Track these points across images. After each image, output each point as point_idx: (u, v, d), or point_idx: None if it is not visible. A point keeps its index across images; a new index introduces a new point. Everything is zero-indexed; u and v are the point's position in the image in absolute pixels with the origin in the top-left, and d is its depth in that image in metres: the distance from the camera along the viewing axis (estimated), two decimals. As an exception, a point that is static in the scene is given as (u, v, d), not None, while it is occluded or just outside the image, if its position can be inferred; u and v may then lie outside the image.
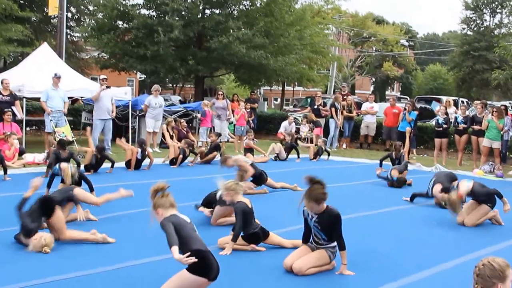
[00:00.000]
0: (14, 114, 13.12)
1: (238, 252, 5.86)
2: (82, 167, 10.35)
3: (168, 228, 4.10)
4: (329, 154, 15.32)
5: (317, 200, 5.10)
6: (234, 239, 5.80)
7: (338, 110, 18.22)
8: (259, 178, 9.56)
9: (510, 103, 28.96)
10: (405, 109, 16.93)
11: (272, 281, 5.06)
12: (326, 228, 5.23)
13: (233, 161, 9.28)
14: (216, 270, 4.17)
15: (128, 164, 11.96)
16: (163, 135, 16.35)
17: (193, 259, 3.95)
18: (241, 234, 5.89)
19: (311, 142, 16.98)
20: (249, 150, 14.61)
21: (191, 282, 4.04)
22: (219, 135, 15.27)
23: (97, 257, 5.52)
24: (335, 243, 5.25)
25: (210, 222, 7.06)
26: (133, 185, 8.70)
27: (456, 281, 5.18)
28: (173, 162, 12.90)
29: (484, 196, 7.63)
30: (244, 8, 24.30)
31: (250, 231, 5.97)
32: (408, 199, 9.24)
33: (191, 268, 4.06)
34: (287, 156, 14.96)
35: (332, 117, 18.03)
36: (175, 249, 3.99)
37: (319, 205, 5.13)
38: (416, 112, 16.63)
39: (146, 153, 12.13)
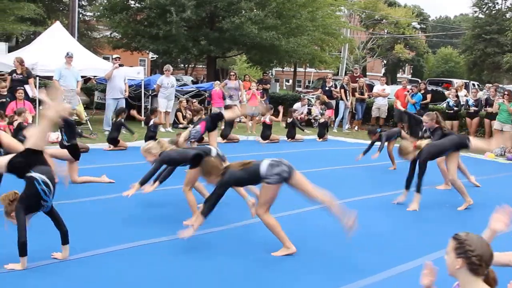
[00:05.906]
0: (26, 93, 13.12)
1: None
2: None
3: None
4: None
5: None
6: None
7: (348, 92, 18.25)
8: None
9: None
10: (407, 91, 17.03)
11: (286, 264, 5.16)
12: None
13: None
14: None
15: None
16: (176, 115, 16.49)
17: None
18: None
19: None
20: (267, 126, 14.41)
21: None
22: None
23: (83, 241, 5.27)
24: None
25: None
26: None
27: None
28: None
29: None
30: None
31: None
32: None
33: None
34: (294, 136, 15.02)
35: (341, 98, 18.08)
36: None
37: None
38: (420, 94, 16.73)
39: None
